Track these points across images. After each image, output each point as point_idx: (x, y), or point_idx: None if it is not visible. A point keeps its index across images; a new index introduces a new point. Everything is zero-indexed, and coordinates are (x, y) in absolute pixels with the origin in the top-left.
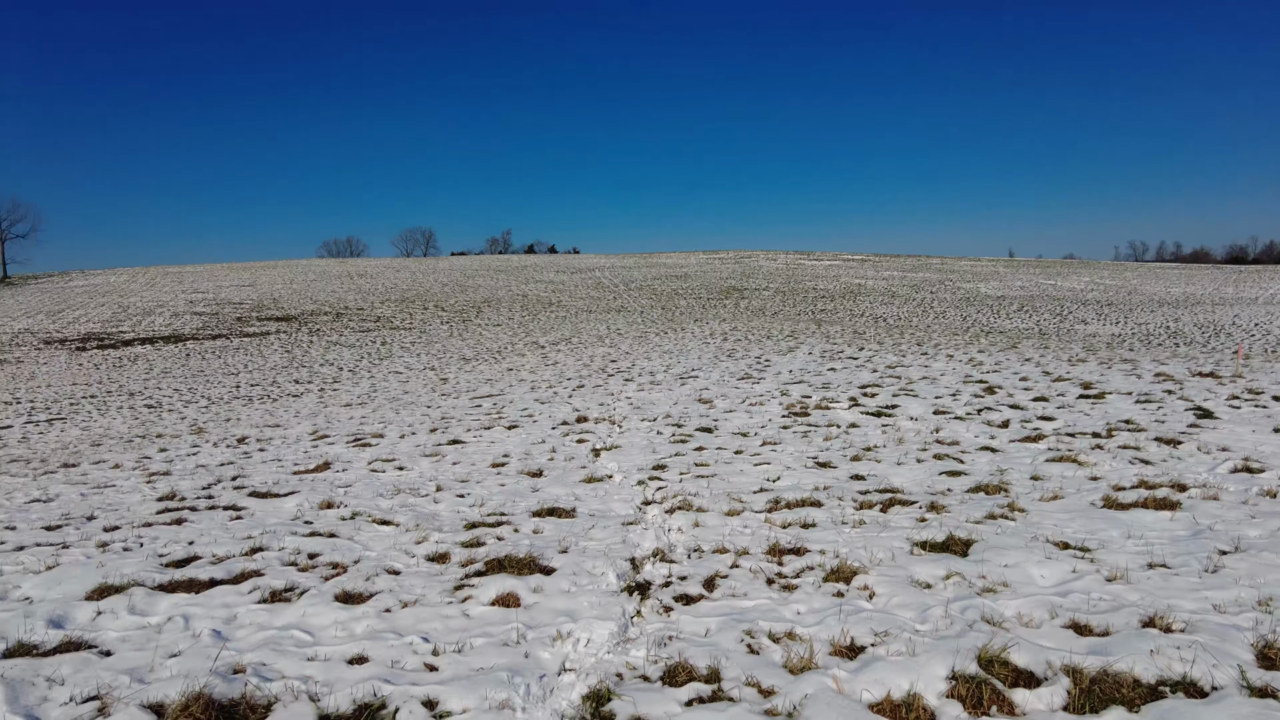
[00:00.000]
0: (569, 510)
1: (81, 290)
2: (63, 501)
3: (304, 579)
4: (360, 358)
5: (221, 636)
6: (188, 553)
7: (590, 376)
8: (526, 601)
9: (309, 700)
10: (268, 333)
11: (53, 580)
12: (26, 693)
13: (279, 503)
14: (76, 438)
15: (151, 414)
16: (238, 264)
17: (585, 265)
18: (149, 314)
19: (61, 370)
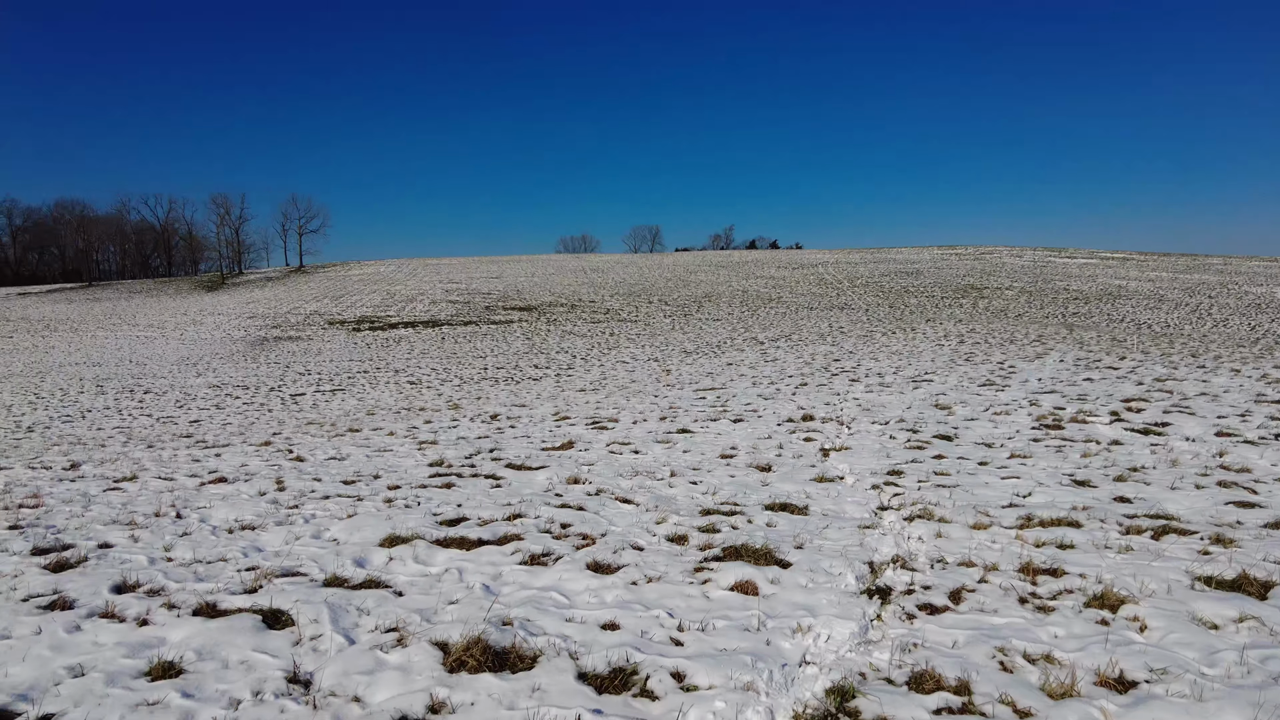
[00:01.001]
0: (801, 507)
1: (358, 279)
2: (353, 460)
3: (558, 546)
4: (591, 347)
5: (491, 591)
6: (457, 514)
7: (813, 375)
8: (764, 591)
9: (569, 657)
10: (511, 321)
11: (353, 527)
12: (342, 617)
13: (531, 475)
14: (354, 407)
15: (413, 390)
16: (487, 258)
17: (807, 261)
18: (411, 301)
19: (341, 348)
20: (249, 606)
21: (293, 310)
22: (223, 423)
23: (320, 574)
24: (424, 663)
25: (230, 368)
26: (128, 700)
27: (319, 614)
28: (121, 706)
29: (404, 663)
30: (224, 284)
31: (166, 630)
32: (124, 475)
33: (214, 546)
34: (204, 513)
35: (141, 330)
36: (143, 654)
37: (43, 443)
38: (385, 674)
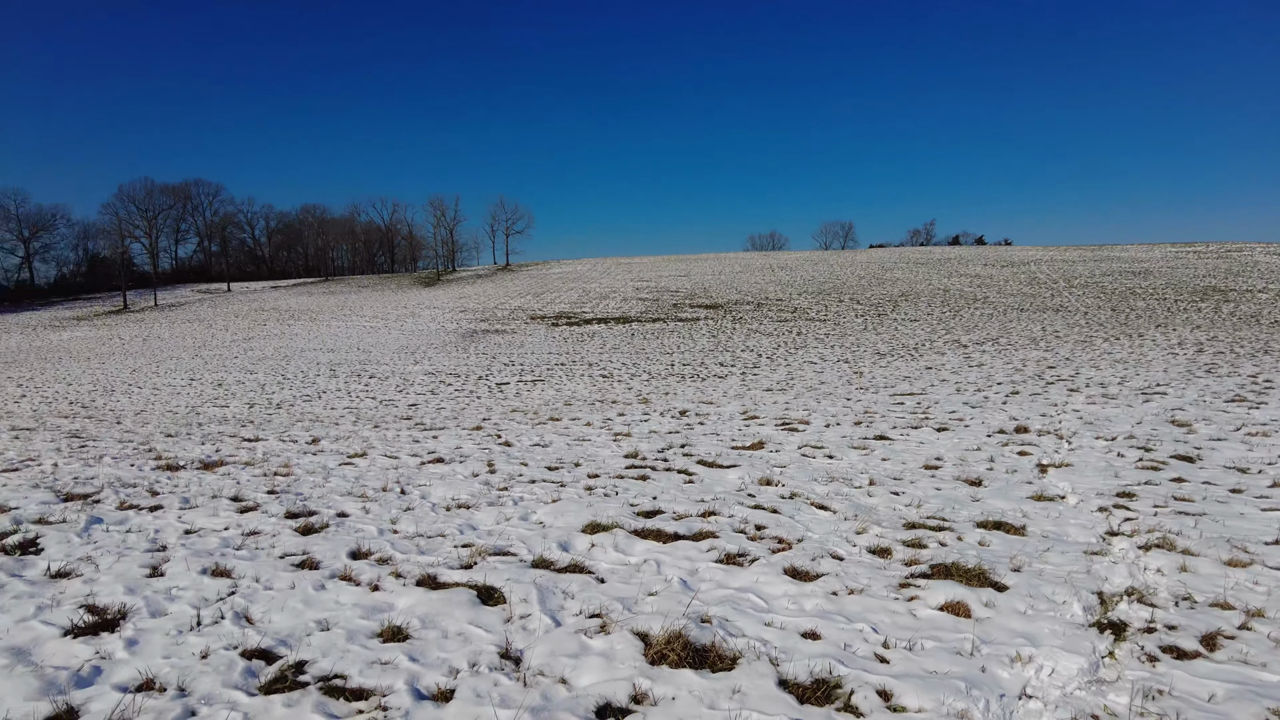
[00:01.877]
0: (1017, 527)
1: (557, 276)
2: (555, 448)
3: (753, 548)
4: (777, 346)
5: (688, 586)
6: (653, 506)
7: (1024, 383)
8: (978, 614)
9: (769, 663)
10: (697, 319)
11: (557, 511)
12: (549, 599)
13: (722, 473)
14: (553, 396)
15: (605, 383)
16: (675, 256)
17: (1017, 258)
18: (604, 298)
19: (541, 341)
20: (465, 581)
21: (499, 305)
22: (437, 407)
23: (529, 555)
24: (626, 652)
25: (443, 357)
26: (364, 657)
27: (528, 594)
28: (360, 662)
29: (607, 649)
30: (439, 280)
31: (394, 597)
32: (355, 451)
33: (434, 522)
34: (424, 490)
35: (368, 321)
36: (375, 617)
37: (289, 418)
38: (589, 659)
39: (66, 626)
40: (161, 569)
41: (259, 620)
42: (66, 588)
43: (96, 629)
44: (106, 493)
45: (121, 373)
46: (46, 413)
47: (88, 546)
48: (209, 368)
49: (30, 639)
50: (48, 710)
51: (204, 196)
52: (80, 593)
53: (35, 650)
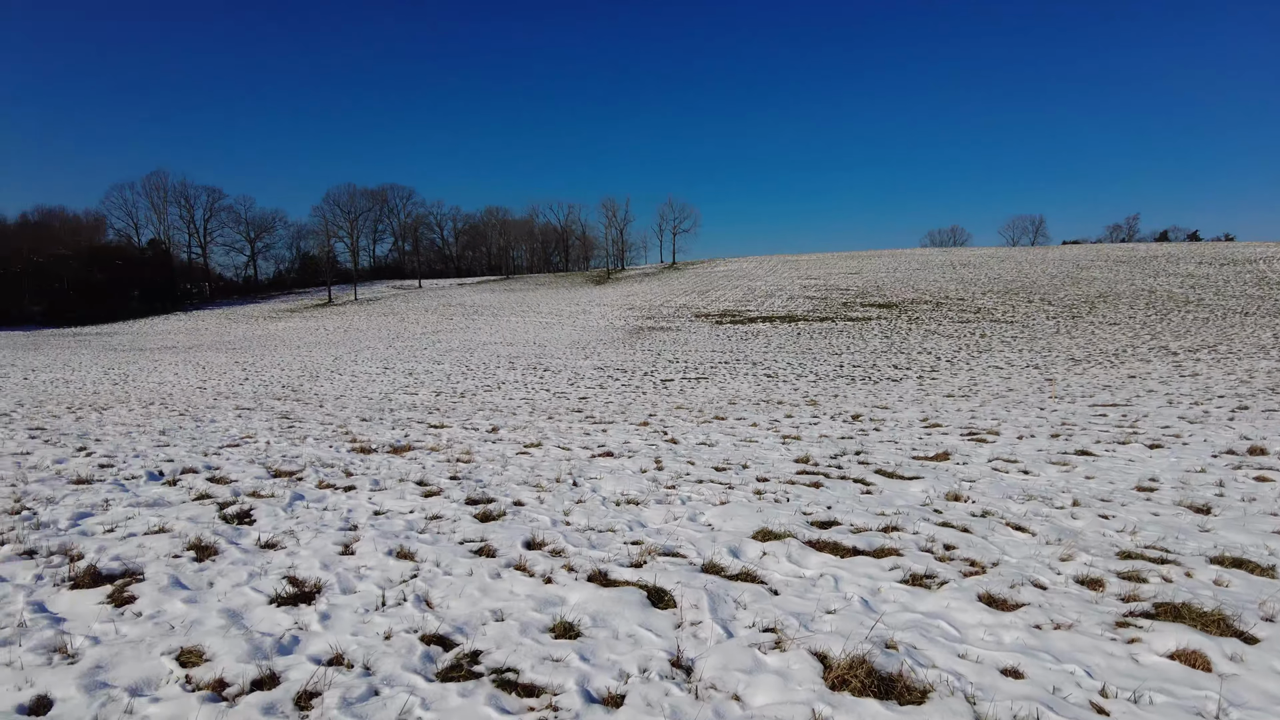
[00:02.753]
0: (1264, 567)
1: (721, 275)
2: (721, 448)
3: (942, 569)
4: (958, 349)
5: (870, 607)
6: (827, 516)
7: (1254, 397)
8: (1221, 669)
9: (965, 700)
10: (869, 318)
11: (726, 514)
12: (720, 607)
13: (903, 485)
14: (717, 395)
15: (770, 382)
16: (846, 253)
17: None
18: (769, 296)
19: (704, 339)
20: (635, 581)
21: (664, 303)
22: (605, 401)
23: (698, 558)
24: (803, 673)
25: (611, 352)
26: (537, 652)
27: (699, 600)
28: (532, 657)
29: (782, 668)
30: (608, 278)
31: (566, 591)
32: (531, 441)
33: (604, 516)
34: (595, 483)
35: (543, 317)
36: (547, 610)
37: (471, 407)
38: (764, 677)
39: (271, 595)
40: (352, 547)
41: (438, 605)
42: (272, 559)
43: (296, 600)
44: (308, 471)
45: (325, 360)
46: (263, 394)
47: (291, 521)
48: (401, 357)
49: (243, 603)
50: (254, 674)
51: (398, 200)
52: (283, 564)
53: (246, 615)
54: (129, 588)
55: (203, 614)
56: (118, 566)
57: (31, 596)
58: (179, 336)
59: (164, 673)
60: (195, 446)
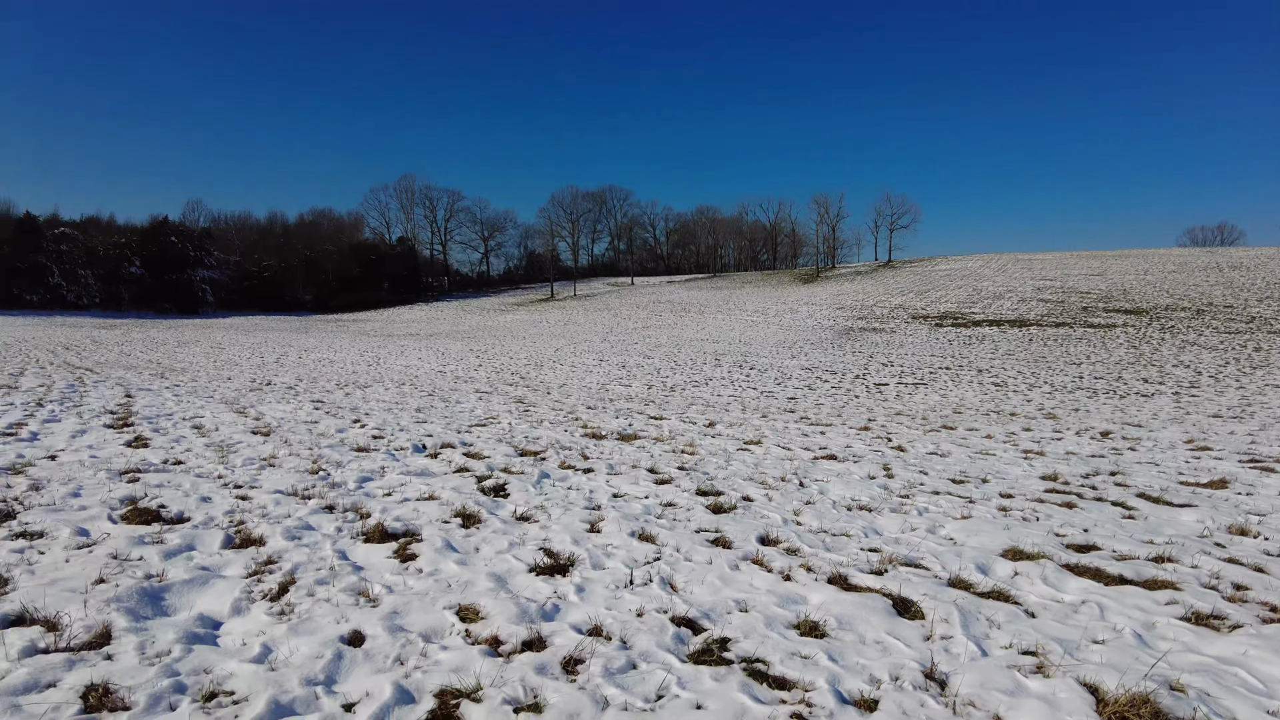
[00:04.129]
0: None
1: (943, 274)
2: (955, 459)
3: (1232, 610)
4: (1224, 363)
5: (1144, 642)
6: (1085, 540)
7: None
8: None
9: None
10: (1113, 325)
11: (969, 529)
12: (972, 624)
13: (1173, 512)
14: (938, 403)
15: (998, 391)
16: (1087, 253)
17: None
18: (998, 298)
19: (922, 342)
20: (878, 588)
21: (878, 304)
22: (815, 402)
23: (942, 571)
24: (1073, 703)
25: (819, 353)
26: (783, 646)
27: (949, 614)
28: (779, 651)
29: (1048, 694)
30: (818, 277)
31: (806, 590)
32: (750, 439)
33: (835, 520)
34: (821, 485)
35: (749, 315)
36: (789, 607)
37: (682, 401)
38: (1027, 701)
39: (531, 564)
40: (598, 526)
41: (681, 589)
42: (528, 530)
43: (552, 571)
44: (549, 453)
45: (547, 351)
46: (496, 380)
47: (540, 497)
48: (614, 351)
49: (506, 569)
50: (524, 635)
51: (616, 201)
52: (538, 537)
53: (510, 580)
54: (410, 546)
55: (473, 576)
56: (400, 526)
57: (335, 545)
58: (420, 325)
59: (447, 625)
60: (449, 425)
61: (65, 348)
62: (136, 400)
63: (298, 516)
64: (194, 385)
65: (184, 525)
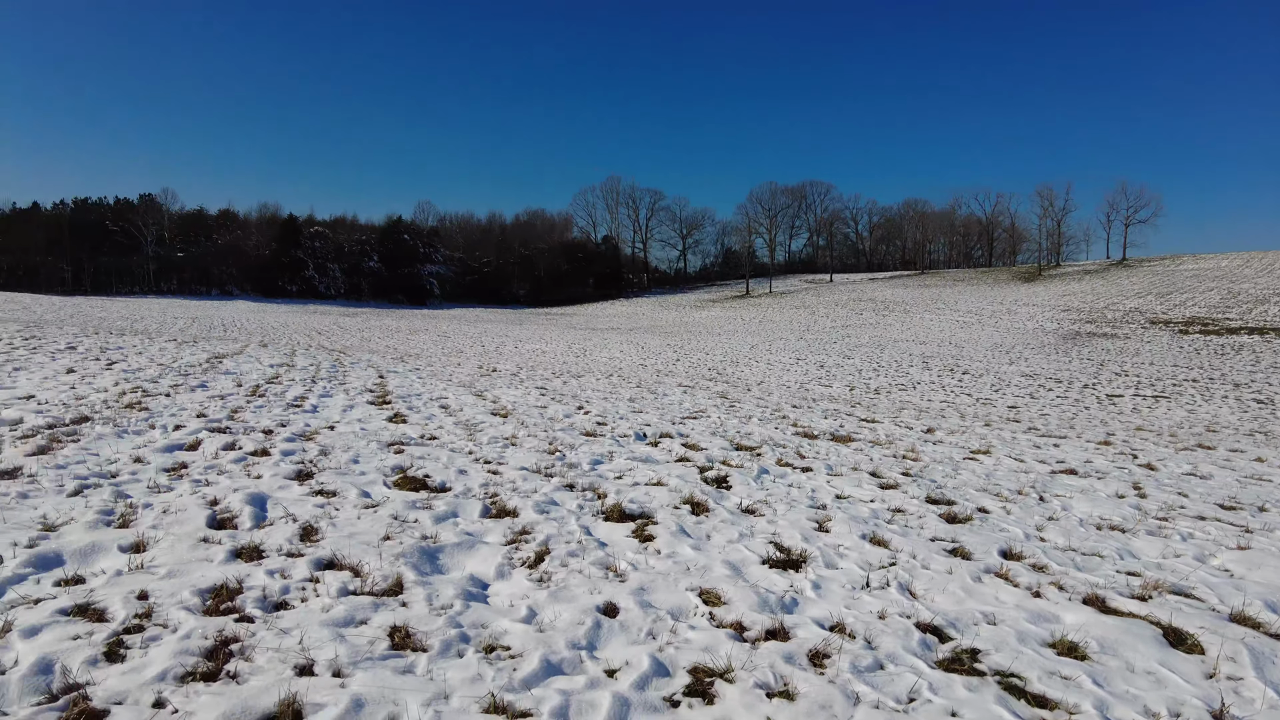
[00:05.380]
0: None
1: (1189, 274)
2: (1219, 482)
3: None
4: None
5: None
6: None
7: None
8: None
9: None
10: None
11: (1249, 562)
12: (1268, 668)
13: None
14: (1184, 418)
15: (1263, 410)
16: None
17: None
18: (1260, 303)
19: (1163, 350)
20: (1143, 614)
21: (1110, 306)
22: (1040, 412)
23: (1221, 605)
24: None
25: (1041, 359)
26: (1040, 664)
27: (1236, 652)
28: (1036, 668)
29: None
30: (1039, 275)
31: (1059, 609)
32: (976, 448)
33: (1084, 539)
34: (1064, 501)
35: (960, 316)
36: (1042, 624)
37: (890, 404)
38: None
39: (763, 557)
40: (825, 526)
41: (921, 595)
42: (754, 524)
43: (784, 565)
44: (765, 449)
45: (742, 348)
46: (694, 374)
47: (761, 491)
48: (811, 349)
49: (739, 559)
50: (767, 623)
51: (816, 196)
52: (766, 530)
53: (744, 570)
54: (647, 528)
55: (709, 561)
56: (635, 508)
57: (579, 521)
58: (620, 319)
59: (691, 606)
60: (663, 415)
61: (318, 332)
62: (389, 380)
63: (543, 492)
64: (431, 369)
65: (447, 494)
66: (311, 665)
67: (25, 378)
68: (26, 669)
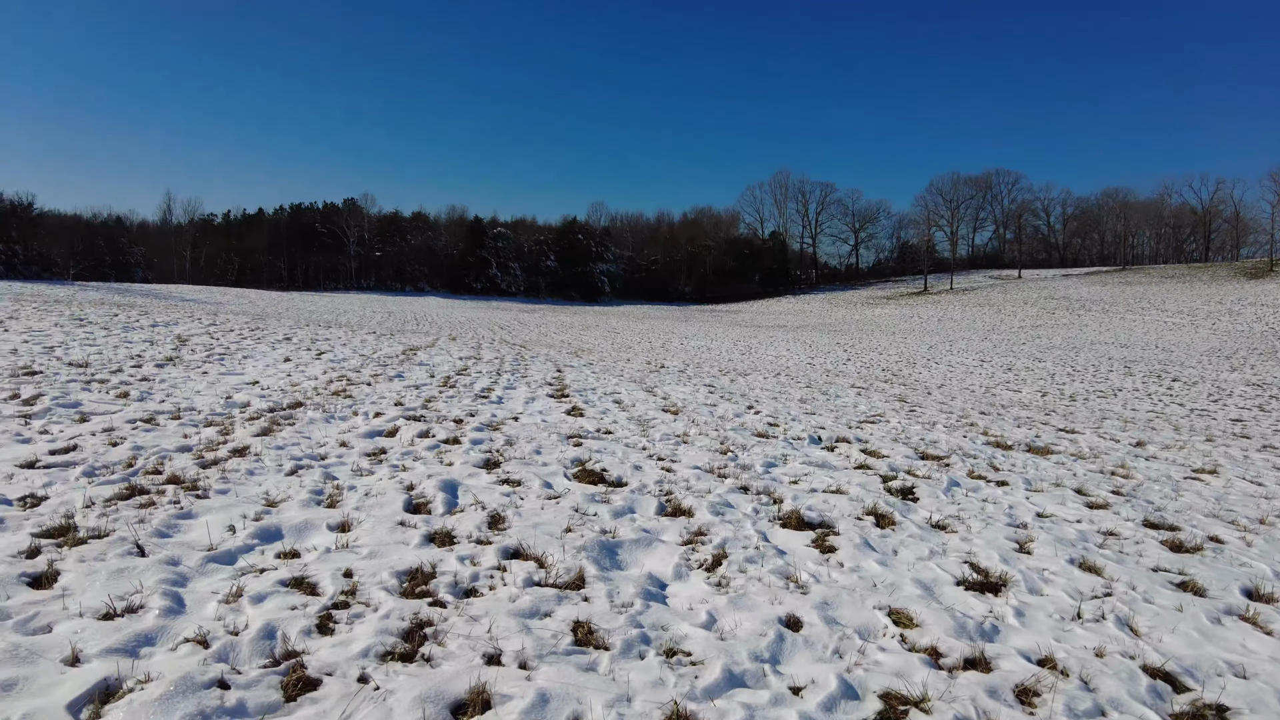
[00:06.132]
0: None
1: None
2: None
3: None
4: None
5: None
6: None
7: None
8: None
9: None
10: None
11: None
12: None
13: None
14: None
15: None
16: None
17: None
18: None
19: None
20: None
21: None
22: (1271, 428)
23: None
24: None
25: (1273, 366)
26: None
27: None
28: None
29: None
30: (1270, 271)
31: None
32: (1198, 466)
33: None
34: None
35: (1168, 316)
36: None
37: (1088, 413)
38: None
39: (957, 577)
40: (1026, 547)
41: (1145, 634)
42: (946, 540)
43: (982, 588)
44: (954, 459)
45: (919, 348)
46: (868, 375)
47: (952, 506)
48: (997, 351)
49: (931, 578)
50: (966, 651)
51: (1003, 185)
52: (959, 548)
53: (936, 590)
54: (828, 538)
55: (897, 579)
56: (814, 516)
57: (755, 525)
58: (787, 317)
59: (879, 625)
60: (838, 418)
61: (500, 327)
62: (565, 374)
63: (717, 493)
64: (603, 364)
65: (623, 489)
66: (499, 655)
67: (251, 365)
68: (254, 633)
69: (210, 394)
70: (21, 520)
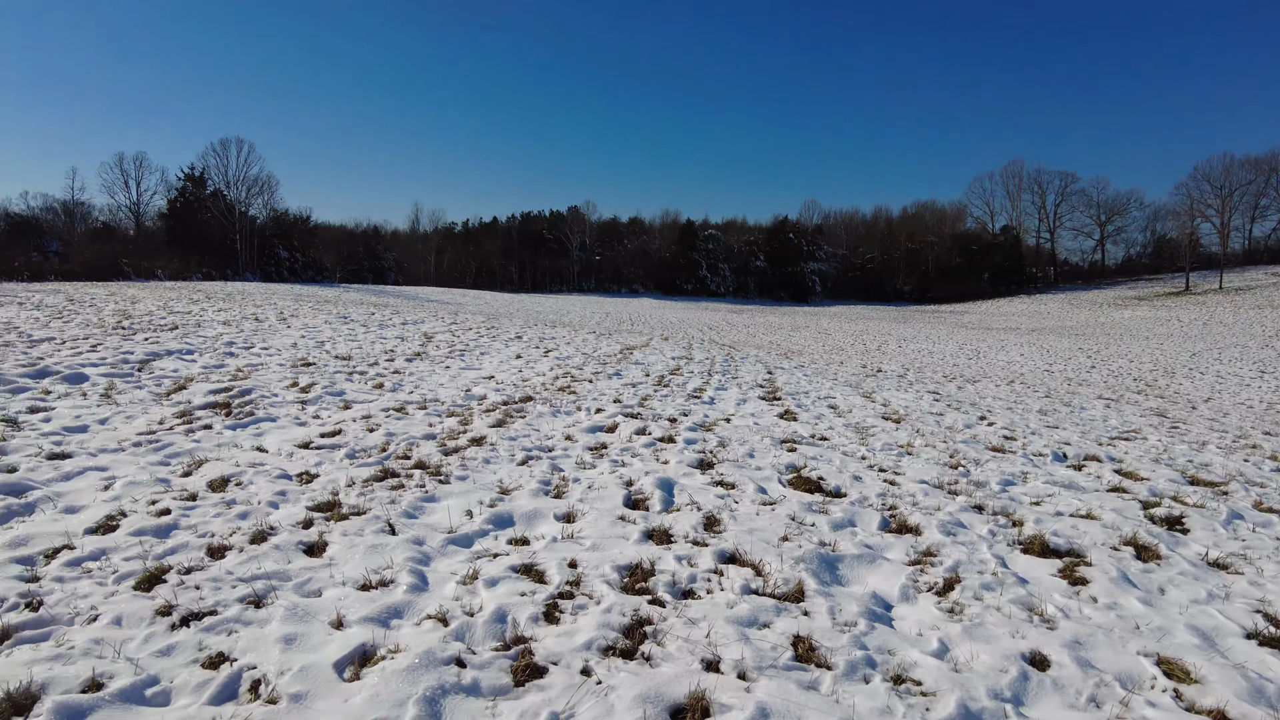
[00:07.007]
0: None
1: None
2: None
3: None
4: None
5: None
6: None
7: None
8: None
9: None
10: None
11: None
12: None
13: None
14: None
15: None
16: None
17: None
18: None
19: None
20: None
21: None
22: None
23: None
24: None
25: None
26: None
27: None
28: None
29: None
30: None
31: None
32: None
33: None
34: None
35: None
36: None
37: None
38: None
39: (1247, 628)
40: None
41: None
42: (1229, 583)
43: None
44: (1234, 486)
45: (1180, 355)
46: (1116, 385)
47: (1234, 542)
48: None
49: (1211, 626)
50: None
51: None
52: (1247, 593)
53: (1219, 641)
54: (1077, 568)
55: (1166, 622)
56: (1061, 543)
57: (992, 549)
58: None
59: (1146, 675)
60: (1085, 434)
61: (709, 327)
62: (776, 376)
63: (947, 511)
64: (815, 367)
65: (842, 500)
66: (718, 662)
67: (488, 361)
68: (488, 616)
69: (452, 387)
70: (299, 494)
